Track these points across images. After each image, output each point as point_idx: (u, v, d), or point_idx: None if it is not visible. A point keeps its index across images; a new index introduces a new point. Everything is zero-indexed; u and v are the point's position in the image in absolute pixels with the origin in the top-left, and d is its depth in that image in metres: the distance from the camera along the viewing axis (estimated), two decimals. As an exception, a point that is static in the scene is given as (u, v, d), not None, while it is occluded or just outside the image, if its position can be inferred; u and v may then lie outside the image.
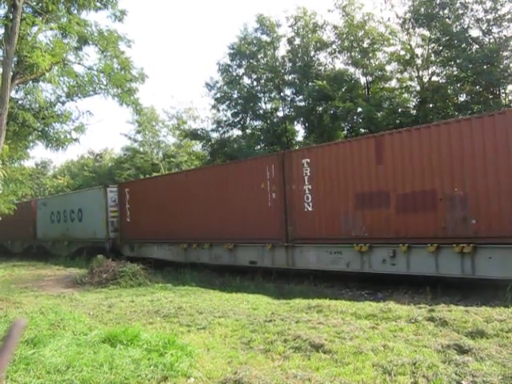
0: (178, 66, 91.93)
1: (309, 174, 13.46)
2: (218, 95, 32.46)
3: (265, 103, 31.98)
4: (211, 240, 16.61)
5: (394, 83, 27.47)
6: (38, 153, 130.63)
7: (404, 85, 26.70)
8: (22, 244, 32.22)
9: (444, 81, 24.22)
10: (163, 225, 18.92)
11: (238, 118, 32.13)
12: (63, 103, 14.43)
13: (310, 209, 13.43)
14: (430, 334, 6.26)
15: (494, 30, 22.00)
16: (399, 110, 24.62)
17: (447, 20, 22.91)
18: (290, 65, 30.23)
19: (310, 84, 27.81)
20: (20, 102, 13.75)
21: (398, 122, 23.08)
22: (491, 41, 22.02)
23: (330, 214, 12.95)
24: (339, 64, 29.02)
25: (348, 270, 12.71)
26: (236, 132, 33.00)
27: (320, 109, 26.96)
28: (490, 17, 21.84)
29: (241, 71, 32.12)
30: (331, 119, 25.46)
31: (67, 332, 6.94)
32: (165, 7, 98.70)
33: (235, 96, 31.54)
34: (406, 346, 5.78)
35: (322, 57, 29.66)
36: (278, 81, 30.49)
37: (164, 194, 19.21)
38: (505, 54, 21.05)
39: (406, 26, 25.05)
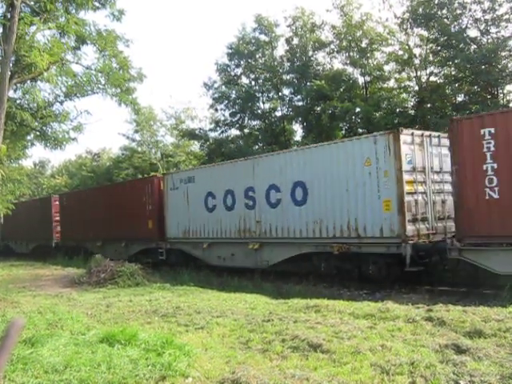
0: (176, 65, 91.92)
1: None
2: (216, 95, 32.44)
3: (263, 103, 31.98)
4: None
5: (392, 83, 27.48)
6: (37, 152, 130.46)
7: (402, 85, 26.69)
8: (127, 247, 20.98)
9: (442, 81, 24.22)
10: None
11: (236, 118, 32.11)
12: (61, 103, 14.40)
13: None
14: (428, 334, 6.27)
15: (492, 30, 22.01)
16: (397, 110, 24.63)
17: (445, 20, 22.90)
18: (289, 64, 30.22)
19: (308, 84, 27.81)
20: (18, 101, 13.71)
21: (396, 122, 23.09)
22: (489, 41, 22.02)
23: None
24: (337, 64, 29.08)
25: None
26: (234, 132, 33.02)
27: (318, 108, 26.93)
28: (488, 17, 21.84)
29: (239, 71, 32.13)
30: (329, 119, 25.43)
31: (65, 332, 6.95)
32: (163, 7, 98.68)
33: (233, 96, 31.52)
34: (404, 345, 5.79)
35: (321, 57, 29.69)
36: (276, 80, 30.46)
37: None
38: (503, 54, 21.05)
39: (405, 26, 25.04)
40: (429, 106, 23.85)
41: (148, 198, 19.84)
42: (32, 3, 12.19)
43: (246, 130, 32.35)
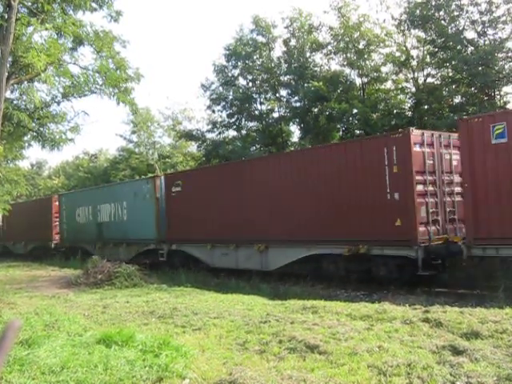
0: (173, 67, 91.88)
1: None
2: (214, 96, 32.41)
3: (260, 104, 31.95)
4: None
5: (389, 84, 27.53)
6: (34, 153, 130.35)
7: (399, 86, 26.75)
8: None
9: (439, 82, 24.28)
10: None
11: (233, 119, 32.10)
12: (58, 103, 14.37)
13: None
14: (425, 335, 6.27)
15: (489, 31, 22.07)
16: (394, 111, 24.66)
17: (442, 22, 22.95)
18: (286, 66, 30.21)
19: (305, 85, 27.81)
20: (15, 102, 13.69)
21: (393, 123, 23.13)
22: (486, 42, 22.08)
23: None
24: (335, 65, 29.04)
25: None
26: (231, 133, 32.99)
27: (316, 110, 26.95)
28: (485, 19, 21.90)
29: (236, 72, 32.08)
30: (327, 120, 25.45)
31: (62, 333, 6.93)
32: (161, 8, 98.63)
33: (230, 97, 31.50)
34: (401, 346, 5.79)
35: (318, 58, 29.66)
36: (273, 82, 30.46)
37: None
38: (500, 55, 21.11)
39: (402, 28, 25.07)
40: (426, 107, 23.89)
41: None
42: (29, 4, 12.17)
43: (243, 132, 32.33)
